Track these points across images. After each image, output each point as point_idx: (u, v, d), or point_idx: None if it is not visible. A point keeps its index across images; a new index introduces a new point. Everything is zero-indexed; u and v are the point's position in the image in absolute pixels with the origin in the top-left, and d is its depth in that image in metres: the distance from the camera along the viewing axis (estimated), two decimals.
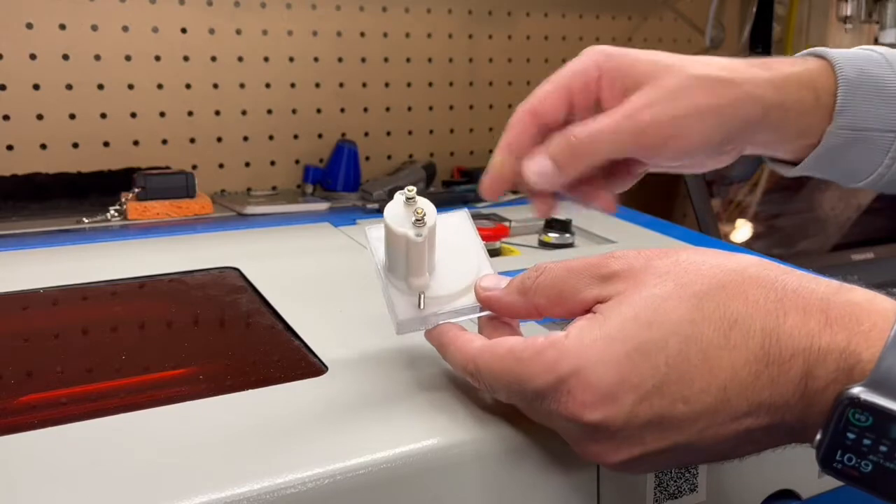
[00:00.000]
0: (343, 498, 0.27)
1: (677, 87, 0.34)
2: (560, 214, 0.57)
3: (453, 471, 0.29)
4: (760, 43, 1.06)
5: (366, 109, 0.82)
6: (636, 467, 0.28)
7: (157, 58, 0.71)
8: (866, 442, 0.24)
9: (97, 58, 0.69)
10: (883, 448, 0.23)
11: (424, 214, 0.31)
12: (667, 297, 0.26)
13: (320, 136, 0.80)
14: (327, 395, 0.32)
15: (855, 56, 0.38)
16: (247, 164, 0.77)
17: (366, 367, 0.35)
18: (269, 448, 0.28)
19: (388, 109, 0.83)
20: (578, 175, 0.35)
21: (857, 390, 0.24)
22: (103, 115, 0.70)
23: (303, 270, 0.49)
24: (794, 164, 0.40)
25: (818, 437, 0.25)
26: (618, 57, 0.35)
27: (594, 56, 0.35)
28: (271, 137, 0.78)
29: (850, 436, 0.24)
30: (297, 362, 0.36)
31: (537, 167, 0.35)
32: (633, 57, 0.35)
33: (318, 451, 0.28)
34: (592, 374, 0.26)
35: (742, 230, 0.82)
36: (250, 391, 0.32)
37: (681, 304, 0.26)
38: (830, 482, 0.39)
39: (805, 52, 0.39)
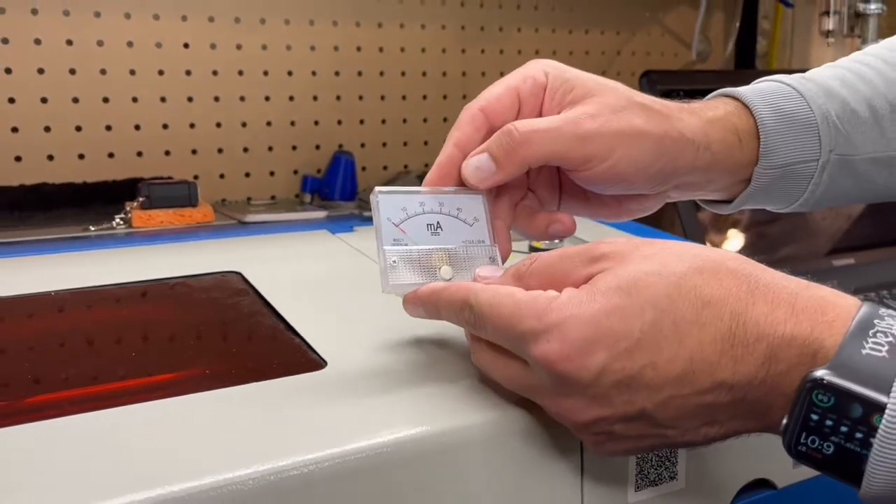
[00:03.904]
0: (342, 480, 0.28)
1: (620, 107, 0.35)
2: None
3: (443, 456, 0.30)
4: (746, 56, 1.09)
5: (362, 121, 0.84)
6: (602, 435, 0.29)
7: (161, 72, 0.74)
8: (828, 423, 0.25)
9: (103, 72, 0.71)
10: (843, 428, 0.25)
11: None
12: (649, 273, 0.28)
13: (318, 147, 0.82)
14: (327, 386, 0.34)
15: (769, 93, 0.39)
16: (247, 175, 0.79)
17: (363, 361, 0.37)
18: (273, 434, 0.30)
19: (383, 121, 0.85)
20: (514, 175, 0.35)
21: (820, 373, 0.25)
22: (108, 128, 0.72)
23: (303, 274, 0.51)
24: (726, 201, 0.42)
25: (784, 421, 0.26)
26: (564, 69, 0.36)
27: (541, 65, 0.37)
28: (270, 149, 0.80)
29: (814, 417, 0.25)
30: (298, 358, 0.37)
31: (475, 161, 0.35)
32: (579, 72, 0.36)
33: (318, 437, 0.29)
34: (573, 328, 0.28)
35: (731, 240, 0.84)
36: (255, 384, 0.34)
37: (661, 280, 0.28)
38: (805, 473, 0.41)
39: (717, 92, 0.41)
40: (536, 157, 0.34)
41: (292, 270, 0.52)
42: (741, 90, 0.40)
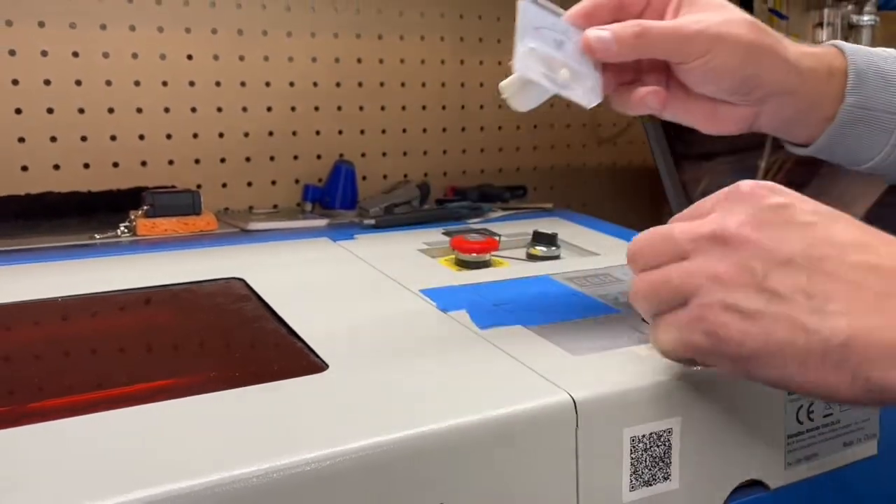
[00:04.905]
0: (343, 478, 0.29)
1: (726, 19, 0.40)
2: (546, 229, 0.61)
3: (440, 456, 0.31)
4: None
5: (363, 131, 0.86)
6: (746, 273, 0.30)
7: (165, 83, 0.75)
8: None
9: (108, 83, 0.72)
10: None
11: None
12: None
13: (319, 156, 0.83)
14: (328, 388, 0.35)
15: (869, 50, 0.43)
16: (249, 184, 0.80)
17: (364, 364, 0.37)
18: (275, 432, 0.30)
19: (383, 131, 0.87)
20: (629, 58, 0.41)
21: None
22: (113, 138, 0.73)
23: (304, 280, 0.52)
24: (805, 145, 0.45)
25: None
26: None
27: None
28: (272, 158, 0.81)
29: None
30: (300, 361, 0.38)
31: (599, 33, 0.40)
32: None
33: (320, 436, 0.30)
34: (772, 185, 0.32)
35: None
36: (258, 385, 0.35)
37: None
38: (798, 474, 0.41)
39: (825, 43, 0.45)
40: (648, 49, 0.40)
41: (294, 277, 0.53)
42: (844, 43, 0.44)
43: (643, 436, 0.35)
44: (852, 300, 0.29)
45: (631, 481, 0.36)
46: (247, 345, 0.43)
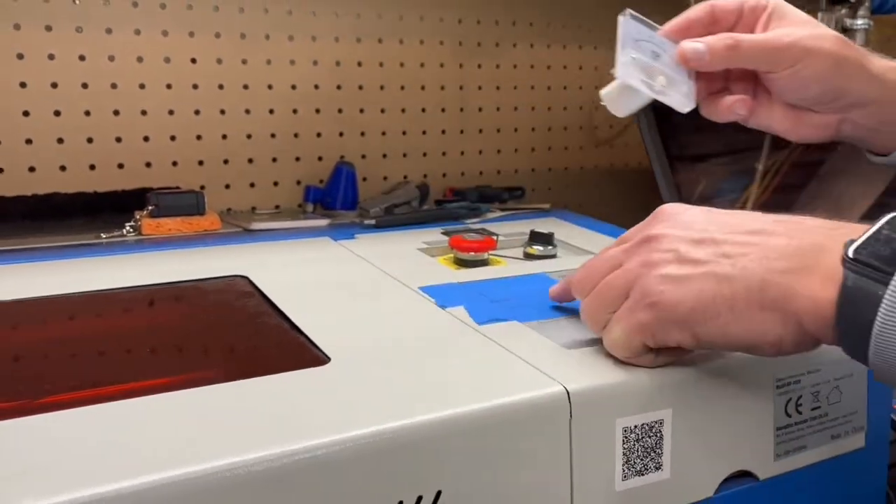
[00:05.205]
0: (340, 466, 0.30)
1: (816, 34, 0.43)
2: (543, 229, 0.62)
3: (437, 444, 0.32)
4: None
5: (363, 133, 0.87)
6: (670, 253, 0.36)
7: (169, 86, 0.76)
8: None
9: (113, 86, 0.74)
10: None
11: None
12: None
13: (320, 158, 0.84)
14: (329, 380, 0.36)
15: None
16: (251, 185, 0.81)
17: (364, 357, 0.38)
18: (279, 421, 0.31)
19: (384, 133, 0.88)
20: (720, 67, 0.44)
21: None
22: (118, 139, 0.74)
23: (306, 277, 0.53)
24: (885, 155, 0.47)
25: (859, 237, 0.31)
26: (784, 4, 0.46)
27: None
28: (274, 160, 0.82)
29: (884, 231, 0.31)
30: (303, 355, 0.39)
31: (694, 45, 0.44)
32: (793, 8, 0.46)
33: (322, 424, 0.31)
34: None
35: None
36: (262, 377, 0.35)
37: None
38: (786, 465, 0.42)
39: None
40: (740, 60, 0.44)
41: (296, 274, 0.54)
42: None
43: (635, 426, 0.36)
44: (761, 253, 0.34)
45: (623, 471, 0.36)
46: (251, 339, 0.44)
